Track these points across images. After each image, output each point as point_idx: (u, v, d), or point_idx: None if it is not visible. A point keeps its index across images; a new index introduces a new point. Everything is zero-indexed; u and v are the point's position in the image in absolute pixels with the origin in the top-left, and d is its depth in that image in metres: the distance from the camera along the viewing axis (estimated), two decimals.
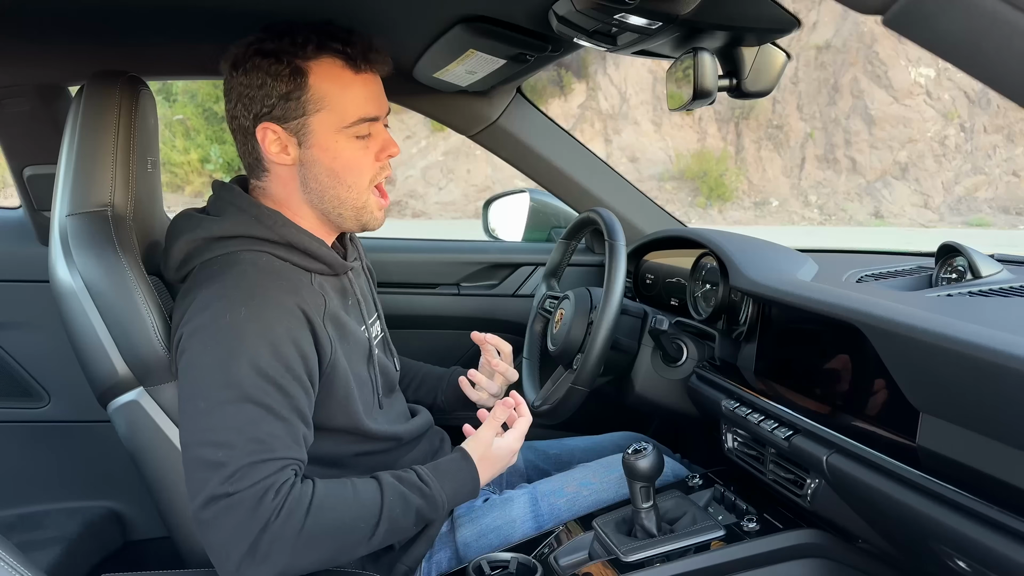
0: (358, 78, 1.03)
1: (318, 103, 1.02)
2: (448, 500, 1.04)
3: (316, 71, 1.01)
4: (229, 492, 0.88)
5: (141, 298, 1.05)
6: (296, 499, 0.91)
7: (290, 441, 0.94)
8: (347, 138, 1.04)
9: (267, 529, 0.88)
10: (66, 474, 1.82)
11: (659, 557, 1.07)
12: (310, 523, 0.90)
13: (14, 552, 0.65)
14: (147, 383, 1.06)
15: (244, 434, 0.90)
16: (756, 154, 18.65)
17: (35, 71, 1.55)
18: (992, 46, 0.43)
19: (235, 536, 0.88)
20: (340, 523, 0.94)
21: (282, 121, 1.03)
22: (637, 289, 1.82)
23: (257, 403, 0.91)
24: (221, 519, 0.88)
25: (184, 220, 1.09)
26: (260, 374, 0.92)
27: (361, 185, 1.07)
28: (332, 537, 0.93)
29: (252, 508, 0.88)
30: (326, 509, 0.93)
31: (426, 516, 1.02)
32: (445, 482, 1.05)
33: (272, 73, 1.01)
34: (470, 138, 1.83)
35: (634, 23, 0.99)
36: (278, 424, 0.93)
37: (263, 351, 0.93)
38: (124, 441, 1.11)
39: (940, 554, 0.86)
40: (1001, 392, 0.74)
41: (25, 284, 1.72)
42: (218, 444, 0.89)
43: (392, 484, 1.00)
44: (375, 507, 0.97)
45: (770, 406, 1.13)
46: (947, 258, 1.21)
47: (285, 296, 0.99)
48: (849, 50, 18.17)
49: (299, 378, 0.97)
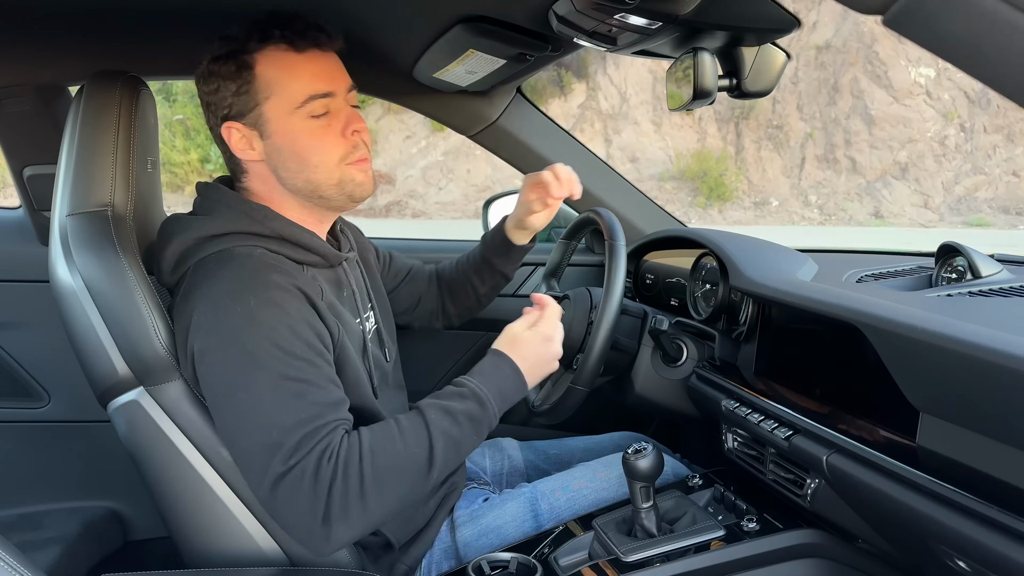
0: (302, 57, 1.03)
1: (266, 90, 1.03)
2: (493, 394, 1.04)
3: (261, 60, 1.02)
4: (291, 466, 0.90)
5: (141, 298, 1.05)
6: (347, 452, 0.93)
7: (333, 405, 0.97)
8: (302, 119, 1.03)
9: (333, 489, 0.90)
10: (66, 474, 1.82)
11: (659, 557, 1.07)
12: (367, 468, 0.92)
13: (14, 552, 0.65)
14: (147, 383, 1.06)
15: (291, 409, 0.92)
16: (756, 154, 18.65)
17: (35, 71, 1.55)
18: (992, 46, 0.43)
19: (309, 507, 0.90)
20: (397, 456, 0.95)
21: (240, 117, 1.05)
22: (637, 289, 1.82)
23: (293, 379, 0.94)
24: (291, 495, 0.90)
25: (174, 223, 1.09)
26: (287, 352, 0.94)
27: (329, 164, 1.06)
28: (396, 472, 0.94)
29: (313, 474, 0.90)
30: (378, 450, 0.94)
31: (477, 417, 1.02)
32: (484, 380, 1.05)
33: (222, 74, 1.04)
34: (470, 138, 1.83)
35: (634, 23, 0.99)
36: (319, 392, 0.95)
37: (282, 331, 0.95)
38: (124, 441, 1.11)
39: (940, 554, 0.86)
40: (1001, 392, 0.74)
41: (25, 284, 1.72)
42: (269, 426, 0.92)
43: (430, 403, 1.01)
44: (422, 429, 0.98)
45: (770, 406, 1.14)
46: (947, 258, 1.21)
47: (285, 281, 1.00)
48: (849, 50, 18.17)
49: (320, 352, 0.99)
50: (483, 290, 1.47)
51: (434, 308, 1.52)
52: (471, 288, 1.47)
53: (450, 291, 1.51)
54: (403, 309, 1.50)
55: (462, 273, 1.49)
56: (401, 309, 1.49)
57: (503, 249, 1.41)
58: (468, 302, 1.50)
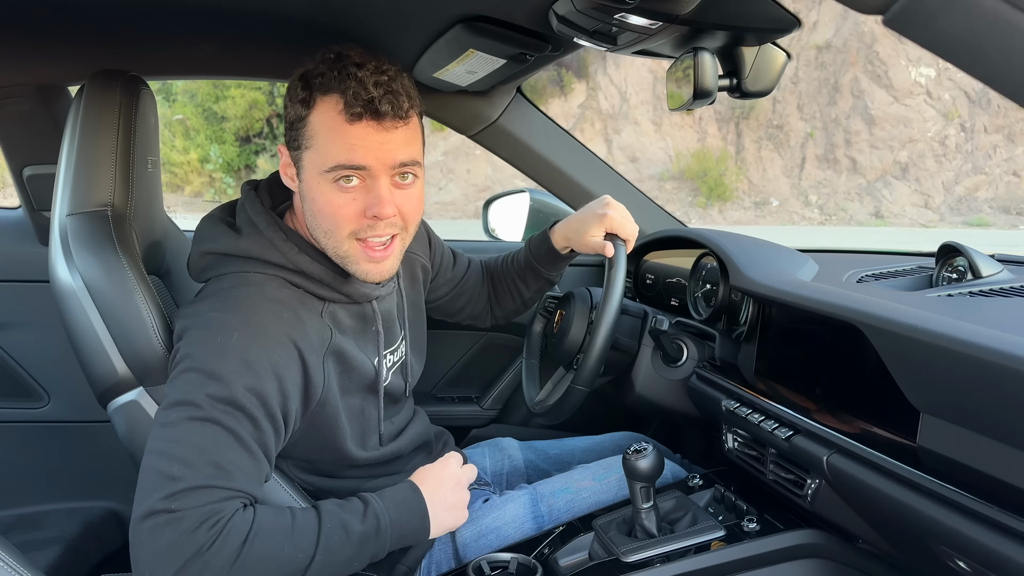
0: (352, 127, 0.96)
1: (310, 139, 0.99)
2: (393, 526, 0.99)
3: (318, 106, 0.98)
4: (171, 509, 0.84)
5: (141, 298, 1.05)
6: (235, 526, 0.87)
7: (251, 474, 0.91)
8: (328, 183, 0.99)
9: (200, 555, 0.84)
10: (66, 474, 1.82)
11: (659, 557, 1.07)
12: (245, 552, 0.86)
13: (14, 552, 0.65)
14: (147, 383, 1.06)
15: (205, 455, 0.87)
16: (756, 154, 18.66)
17: (35, 71, 1.55)
18: (993, 46, 0.43)
19: (167, 556, 0.83)
20: (278, 552, 0.89)
21: (290, 147, 1.04)
22: (637, 289, 1.82)
23: (226, 428, 0.89)
24: (156, 535, 0.83)
25: (208, 228, 1.09)
26: (233, 403, 0.90)
27: (337, 235, 1.01)
28: (268, 567, 0.88)
29: (190, 531, 0.84)
30: (263, 538, 0.88)
31: (370, 542, 0.97)
32: (390, 505, 1.01)
33: (293, 97, 1.01)
34: (470, 138, 1.83)
35: (634, 23, 0.99)
36: (243, 454, 0.90)
37: (244, 380, 0.91)
38: (124, 441, 1.11)
39: (940, 554, 0.86)
40: (1001, 392, 0.74)
41: (25, 284, 1.72)
42: (177, 458, 0.86)
43: (331, 510, 0.96)
44: (312, 535, 0.92)
45: (770, 406, 1.13)
46: (947, 258, 1.21)
47: (282, 329, 0.97)
48: (849, 50, 18.17)
49: (272, 415, 0.94)
50: (528, 294, 1.46)
51: (483, 308, 1.51)
52: (516, 291, 1.46)
53: (495, 292, 1.50)
54: (455, 310, 1.49)
55: (507, 274, 1.47)
56: (454, 310, 1.49)
57: (549, 257, 1.40)
58: (513, 304, 1.49)
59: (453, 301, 1.47)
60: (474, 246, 2.00)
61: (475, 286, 1.49)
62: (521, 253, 1.45)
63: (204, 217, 1.12)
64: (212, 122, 21.13)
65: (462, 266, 1.48)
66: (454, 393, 2.03)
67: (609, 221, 1.26)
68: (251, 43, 1.47)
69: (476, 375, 2.02)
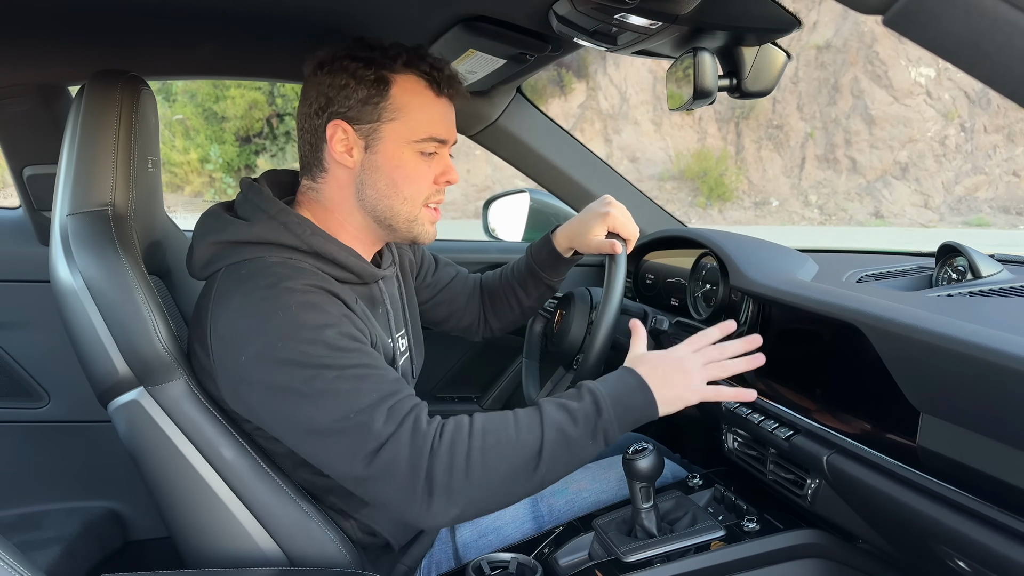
0: (438, 100, 1.07)
1: (395, 112, 1.04)
2: (611, 399, 0.97)
3: (400, 83, 1.04)
4: (384, 439, 0.88)
5: (141, 298, 1.05)
6: (456, 427, 0.92)
7: (399, 381, 0.96)
8: (413, 152, 1.06)
9: (435, 456, 0.88)
10: (66, 474, 1.82)
11: (659, 557, 1.07)
12: (476, 445, 0.90)
13: (14, 552, 0.65)
14: (147, 383, 1.06)
15: (366, 392, 0.91)
16: (756, 154, 18.66)
17: (35, 71, 1.55)
18: (993, 46, 0.43)
19: (409, 474, 0.88)
20: (508, 440, 0.92)
21: (355, 122, 1.04)
22: (637, 289, 1.82)
23: (353, 366, 0.93)
24: (390, 465, 0.88)
25: (211, 220, 1.08)
26: (337, 348, 0.93)
27: (416, 200, 1.08)
28: (504, 456, 0.91)
29: (411, 440, 0.89)
30: (489, 430, 0.92)
31: (592, 419, 0.96)
32: (604, 383, 1.00)
33: (358, 76, 1.03)
34: (470, 138, 1.83)
35: (634, 23, 0.99)
36: (385, 372, 0.96)
37: (328, 331, 0.94)
38: (124, 441, 1.11)
39: (940, 554, 0.86)
40: (1001, 392, 0.74)
41: (25, 284, 1.72)
42: (349, 413, 0.90)
43: (548, 399, 0.99)
44: (536, 419, 0.95)
45: (770, 406, 1.14)
46: (947, 258, 1.21)
47: (321, 287, 0.99)
48: (849, 50, 18.18)
49: (366, 344, 0.99)
50: (528, 302, 1.44)
51: (473, 321, 1.48)
52: (515, 299, 1.44)
53: (492, 302, 1.47)
54: (439, 319, 1.47)
55: (506, 284, 1.45)
56: (438, 319, 1.47)
57: (551, 260, 1.38)
58: (512, 314, 1.46)
59: (435, 309, 1.44)
60: (474, 246, 2.00)
61: (460, 297, 1.46)
62: (521, 260, 1.43)
63: (204, 212, 1.11)
64: (212, 122, 21.14)
65: (445, 275, 1.46)
66: (454, 393, 2.03)
67: (612, 220, 1.27)
68: (251, 43, 1.47)
69: (476, 375, 2.02)
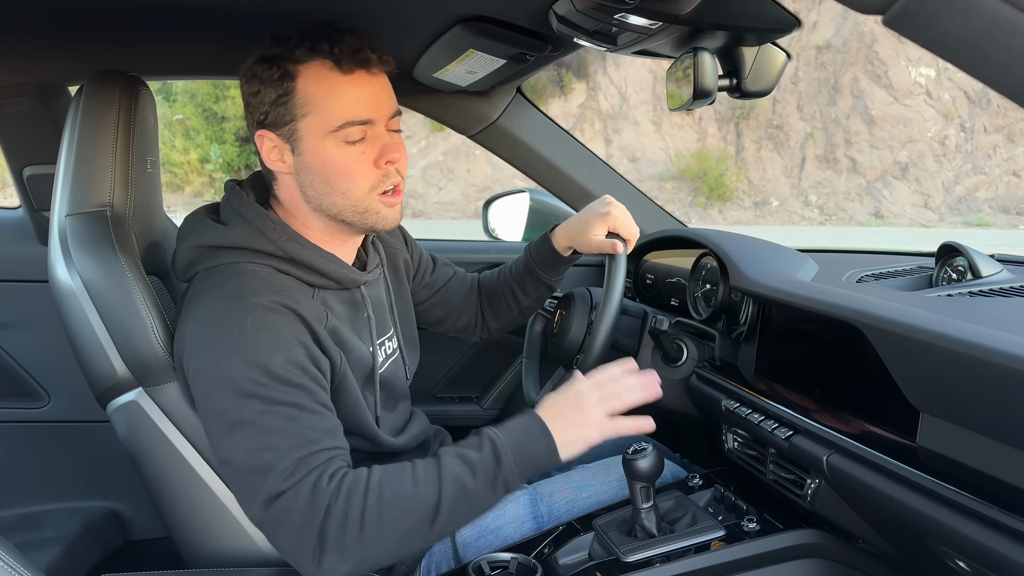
0: (346, 79, 1.00)
1: (304, 107, 1.00)
2: (511, 449, 0.95)
3: (305, 74, 0.99)
4: (284, 489, 0.88)
5: (140, 298, 1.05)
6: (353, 482, 0.90)
7: (328, 432, 0.94)
8: (336, 143, 1.01)
9: (329, 514, 0.87)
10: (66, 474, 1.82)
11: (659, 557, 1.07)
12: (372, 501, 0.89)
13: (14, 552, 0.65)
14: (146, 383, 1.06)
15: (285, 434, 0.90)
16: (756, 154, 18.66)
17: (35, 71, 1.55)
18: (993, 46, 0.43)
19: (302, 530, 0.87)
20: (404, 495, 0.91)
21: (275, 127, 1.03)
22: (637, 289, 1.82)
23: (287, 404, 0.92)
24: (284, 517, 0.88)
25: (193, 223, 1.09)
26: (279, 379, 0.92)
27: (357, 193, 1.03)
28: (400, 511, 0.90)
29: (309, 497, 0.88)
30: (386, 485, 0.91)
31: (491, 472, 0.94)
32: (505, 432, 0.98)
33: (264, 79, 1.01)
34: (470, 138, 1.83)
35: (634, 23, 0.99)
36: (314, 418, 0.93)
37: (277, 358, 0.93)
38: (123, 441, 1.11)
39: (940, 554, 0.86)
40: (1001, 392, 0.74)
41: (25, 284, 1.72)
42: (262, 449, 0.89)
43: (447, 449, 0.97)
44: (434, 472, 0.93)
45: (770, 406, 1.13)
46: (947, 258, 1.21)
47: (285, 304, 0.98)
48: (849, 50, 18.18)
49: (316, 377, 0.97)
50: (526, 302, 1.42)
51: (471, 321, 1.47)
52: (513, 299, 1.43)
53: (490, 302, 1.46)
54: (437, 319, 1.46)
55: (504, 283, 1.43)
56: (435, 319, 1.46)
57: (550, 259, 1.37)
58: (510, 314, 1.45)
59: (432, 310, 1.44)
60: (473, 246, 2.00)
61: (458, 297, 1.46)
62: (520, 260, 1.43)
63: (188, 215, 1.11)
64: (212, 122, 21.13)
65: (443, 275, 1.46)
66: (454, 393, 2.03)
67: (612, 219, 1.26)
68: (251, 43, 1.47)
69: (476, 375, 2.02)
